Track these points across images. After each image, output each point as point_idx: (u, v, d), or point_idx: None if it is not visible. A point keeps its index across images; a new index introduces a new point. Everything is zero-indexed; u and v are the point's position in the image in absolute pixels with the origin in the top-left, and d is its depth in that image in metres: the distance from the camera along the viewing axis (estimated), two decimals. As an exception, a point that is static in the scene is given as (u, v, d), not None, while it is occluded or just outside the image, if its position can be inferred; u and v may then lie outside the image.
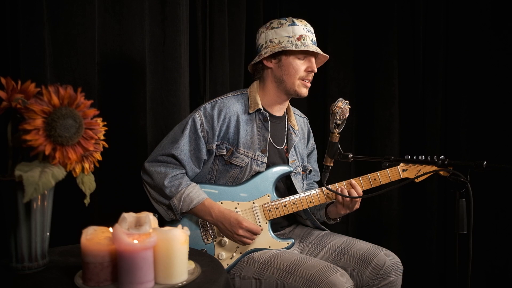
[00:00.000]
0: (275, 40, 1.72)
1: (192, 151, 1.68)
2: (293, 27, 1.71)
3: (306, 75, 1.73)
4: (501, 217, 2.47)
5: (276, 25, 1.73)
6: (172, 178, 1.64)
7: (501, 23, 2.49)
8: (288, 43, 1.69)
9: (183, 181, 1.65)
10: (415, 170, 1.69)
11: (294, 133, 1.84)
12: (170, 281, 1.02)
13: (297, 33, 1.71)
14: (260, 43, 1.77)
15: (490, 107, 2.51)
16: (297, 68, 1.71)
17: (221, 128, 1.69)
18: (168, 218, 1.68)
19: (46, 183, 0.98)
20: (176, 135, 1.69)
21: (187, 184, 1.65)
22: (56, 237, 1.26)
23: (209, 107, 1.71)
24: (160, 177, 1.64)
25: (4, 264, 1.12)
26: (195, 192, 1.64)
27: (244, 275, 1.61)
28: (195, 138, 1.68)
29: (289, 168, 1.75)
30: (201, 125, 1.68)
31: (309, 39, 1.73)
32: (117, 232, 0.98)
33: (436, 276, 2.65)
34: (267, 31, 1.75)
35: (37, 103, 1.00)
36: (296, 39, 1.70)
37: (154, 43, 2.01)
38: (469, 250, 1.18)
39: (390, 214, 2.66)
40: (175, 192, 1.63)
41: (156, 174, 1.65)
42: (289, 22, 1.73)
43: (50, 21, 1.65)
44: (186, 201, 1.62)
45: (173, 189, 1.63)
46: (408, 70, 2.67)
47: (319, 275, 1.45)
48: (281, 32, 1.72)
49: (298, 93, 1.74)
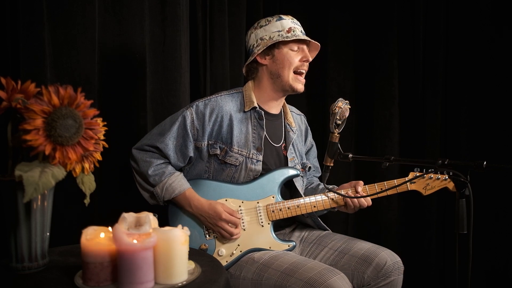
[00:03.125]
0: (265, 37, 1.73)
1: (178, 147, 1.69)
2: (281, 21, 1.74)
3: (301, 65, 1.74)
4: (501, 217, 2.47)
5: (264, 23, 1.76)
6: (156, 167, 1.66)
7: (501, 23, 2.49)
8: (279, 37, 1.71)
9: (166, 170, 1.67)
10: (423, 183, 1.70)
11: (292, 131, 1.85)
12: (170, 281, 1.02)
13: (285, 27, 1.73)
14: (251, 43, 1.78)
15: (490, 107, 2.51)
16: (291, 59, 1.72)
17: (212, 127, 1.70)
18: (151, 203, 1.71)
19: (46, 183, 0.98)
20: (165, 127, 1.70)
21: (170, 173, 1.67)
22: (56, 237, 1.26)
23: (202, 105, 1.71)
24: (145, 165, 1.66)
25: (4, 264, 1.12)
26: (178, 182, 1.65)
27: (243, 276, 1.61)
28: (183, 135, 1.68)
29: (297, 171, 1.76)
30: (192, 122, 1.69)
31: (298, 30, 1.74)
32: (117, 232, 0.98)
33: (435, 276, 2.66)
34: (255, 31, 1.77)
35: (37, 103, 1.00)
36: (286, 31, 1.72)
37: (154, 43, 2.01)
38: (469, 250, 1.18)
39: (390, 214, 2.66)
40: (158, 181, 1.65)
41: (141, 161, 1.67)
42: (276, 18, 1.75)
43: (50, 21, 1.65)
44: (168, 191, 1.65)
45: (156, 178, 1.65)
46: (408, 70, 2.67)
47: (318, 277, 1.45)
48: (270, 28, 1.74)
49: (294, 88, 1.74)
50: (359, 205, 1.71)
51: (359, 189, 1.72)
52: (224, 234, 1.64)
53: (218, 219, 1.62)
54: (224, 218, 1.62)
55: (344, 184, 1.79)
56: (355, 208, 1.72)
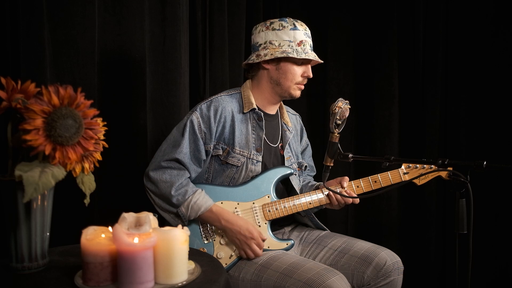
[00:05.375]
0: (275, 42, 1.72)
1: (192, 153, 1.67)
2: (295, 31, 1.71)
3: (302, 80, 1.75)
4: (501, 217, 2.47)
5: (278, 27, 1.73)
6: (178, 186, 1.63)
7: (501, 23, 2.49)
8: (289, 48, 1.70)
9: (189, 189, 1.64)
10: (417, 173, 1.70)
11: (288, 130, 1.86)
12: (170, 281, 1.02)
13: (298, 38, 1.71)
14: (258, 41, 1.76)
15: (490, 106, 2.51)
16: (294, 74, 1.73)
17: (217, 128, 1.70)
18: (175, 225, 1.67)
19: (46, 183, 0.98)
20: (177, 138, 1.68)
21: (193, 191, 1.64)
22: (56, 237, 1.26)
23: (205, 108, 1.70)
24: (166, 186, 1.63)
25: (4, 264, 1.12)
26: (202, 199, 1.64)
27: (242, 277, 1.61)
28: (194, 140, 1.67)
29: (290, 170, 1.76)
30: (199, 126, 1.68)
31: (308, 45, 1.74)
32: (117, 232, 0.98)
33: (435, 276, 2.66)
34: (267, 31, 1.74)
35: (37, 103, 1.00)
36: (297, 44, 1.71)
37: (154, 43, 2.01)
38: (469, 250, 1.18)
39: (389, 214, 2.66)
40: (182, 200, 1.62)
41: (161, 183, 1.63)
42: (290, 26, 1.72)
43: (50, 21, 1.65)
44: (193, 209, 1.62)
45: (179, 197, 1.62)
46: (408, 70, 2.67)
47: (316, 278, 1.45)
48: (282, 35, 1.71)
49: (292, 96, 1.77)
50: (344, 202, 1.72)
51: (344, 184, 1.74)
52: (248, 254, 1.62)
53: (249, 238, 1.61)
54: (255, 237, 1.62)
55: (330, 181, 1.79)
56: (340, 205, 1.74)
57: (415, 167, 1.72)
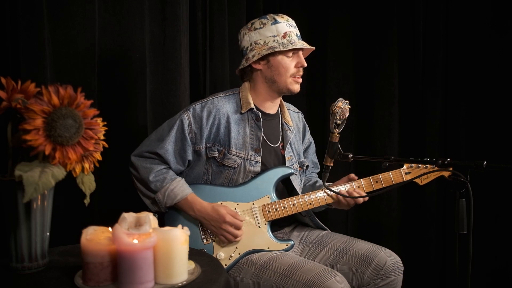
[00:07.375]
0: (260, 41, 1.71)
1: (177, 151, 1.68)
2: (276, 25, 1.70)
3: (297, 71, 1.73)
4: (501, 217, 2.47)
5: (259, 26, 1.72)
6: (157, 173, 1.66)
7: (500, 23, 2.49)
8: (274, 43, 1.69)
9: (167, 176, 1.66)
10: (419, 172, 1.70)
11: (289, 130, 1.84)
12: (170, 281, 1.02)
13: (281, 31, 1.70)
14: (245, 45, 1.75)
15: (490, 106, 2.51)
16: (287, 66, 1.71)
17: (210, 130, 1.69)
18: (153, 210, 1.70)
19: (46, 183, 0.98)
20: (163, 133, 1.69)
21: (171, 179, 1.66)
22: (56, 237, 1.26)
23: (199, 108, 1.70)
24: (146, 172, 1.66)
25: (4, 264, 1.12)
26: (179, 187, 1.65)
27: (242, 277, 1.61)
28: (181, 139, 1.68)
29: (290, 170, 1.75)
30: (189, 126, 1.68)
31: (294, 34, 1.72)
32: (117, 232, 0.98)
33: (435, 276, 2.66)
34: (249, 32, 1.73)
35: (37, 103, 1.00)
36: (281, 37, 1.69)
37: (154, 43, 2.01)
38: (469, 250, 1.18)
39: (389, 214, 2.66)
40: (159, 187, 1.64)
41: (142, 168, 1.66)
42: (271, 21, 1.71)
43: (50, 21, 1.65)
44: (170, 196, 1.64)
45: (158, 184, 1.65)
46: (408, 70, 2.67)
47: (316, 279, 1.45)
48: (265, 33, 1.70)
49: (291, 90, 1.74)
50: (354, 202, 1.71)
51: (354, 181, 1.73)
52: (227, 237, 1.63)
53: (222, 222, 1.62)
54: (228, 220, 1.62)
55: (339, 181, 1.78)
56: (350, 205, 1.73)
57: (417, 167, 1.71)
